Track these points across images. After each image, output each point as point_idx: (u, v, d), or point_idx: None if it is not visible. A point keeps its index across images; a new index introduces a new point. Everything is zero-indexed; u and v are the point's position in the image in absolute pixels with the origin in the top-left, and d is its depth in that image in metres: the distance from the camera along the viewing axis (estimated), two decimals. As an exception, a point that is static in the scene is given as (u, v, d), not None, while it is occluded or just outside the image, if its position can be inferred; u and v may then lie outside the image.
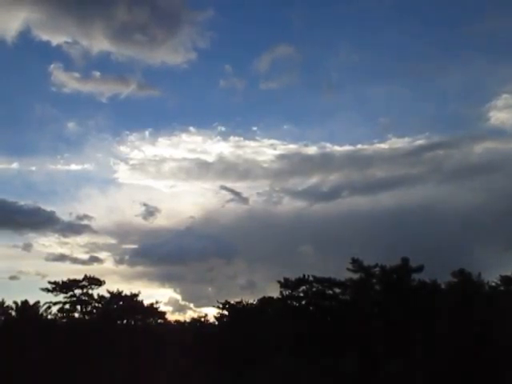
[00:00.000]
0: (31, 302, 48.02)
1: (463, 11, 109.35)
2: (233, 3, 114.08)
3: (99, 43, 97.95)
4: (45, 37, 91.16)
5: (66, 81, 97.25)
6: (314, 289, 45.70)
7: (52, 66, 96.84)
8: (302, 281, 45.77)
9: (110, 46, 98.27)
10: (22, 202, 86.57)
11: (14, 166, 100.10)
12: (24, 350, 42.65)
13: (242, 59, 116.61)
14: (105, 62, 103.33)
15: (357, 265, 43.22)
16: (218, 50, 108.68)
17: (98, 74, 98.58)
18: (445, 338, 36.17)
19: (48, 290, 48.10)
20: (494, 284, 43.62)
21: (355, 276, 43.61)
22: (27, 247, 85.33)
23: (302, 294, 46.08)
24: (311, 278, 45.64)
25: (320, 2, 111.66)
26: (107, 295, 49.66)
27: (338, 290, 45.32)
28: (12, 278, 74.90)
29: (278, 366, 39.07)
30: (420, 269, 42.29)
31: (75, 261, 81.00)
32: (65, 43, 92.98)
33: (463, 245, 67.99)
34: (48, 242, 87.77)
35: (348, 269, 43.67)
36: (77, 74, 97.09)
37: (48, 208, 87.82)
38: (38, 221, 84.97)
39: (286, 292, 46.17)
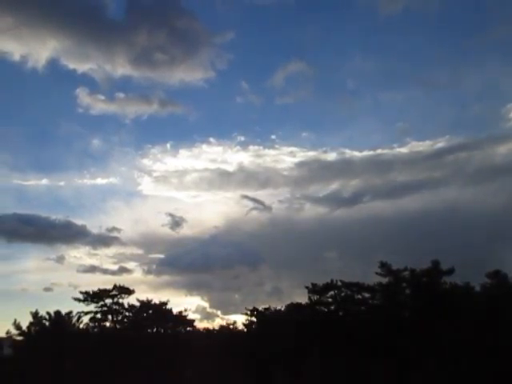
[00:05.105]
0: (64, 312, 48.95)
1: (479, 15, 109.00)
2: (246, 25, 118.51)
3: (122, 67, 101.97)
4: (71, 64, 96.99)
5: (92, 103, 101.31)
6: (343, 294, 45.12)
7: (78, 89, 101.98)
8: (330, 286, 45.23)
9: (132, 70, 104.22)
10: (53, 217, 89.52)
11: (44, 181, 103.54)
12: (58, 358, 43.55)
13: (258, 77, 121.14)
14: (128, 84, 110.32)
15: (385, 269, 42.48)
16: (235, 68, 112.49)
17: (121, 95, 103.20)
18: (478, 341, 35.15)
19: (80, 300, 48.89)
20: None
21: (384, 280, 42.95)
22: (60, 260, 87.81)
23: (330, 300, 45.55)
24: (339, 283, 45.08)
25: (330, 15, 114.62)
26: (137, 304, 50.27)
27: (367, 295, 44.66)
28: (46, 289, 77.24)
29: (306, 372, 38.72)
30: (451, 271, 41.30)
31: (105, 271, 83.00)
32: (89, 69, 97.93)
33: (490, 247, 66.48)
34: (79, 254, 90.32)
35: (377, 273, 43.01)
36: (101, 96, 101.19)
37: (78, 221, 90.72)
38: (69, 234, 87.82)
39: (314, 297, 45.75)
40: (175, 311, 51.29)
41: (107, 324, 49.71)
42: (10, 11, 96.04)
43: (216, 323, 63.51)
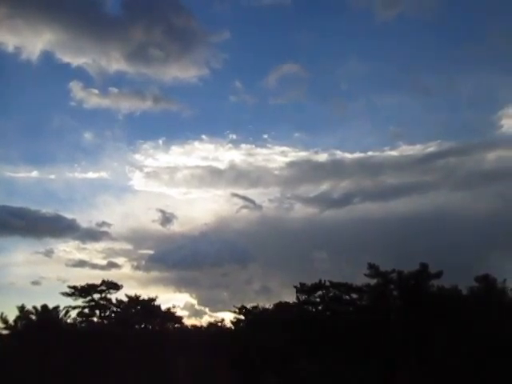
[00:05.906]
0: (52, 306, 48.67)
1: (473, 22, 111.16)
2: (242, 26, 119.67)
3: (117, 62, 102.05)
4: (66, 57, 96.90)
5: (85, 97, 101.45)
6: (331, 294, 45.33)
7: (72, 83, 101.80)
8: (318, 286, 45.45)
9: (127, 65, 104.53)
10: (43, 210, 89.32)
11: (34, 174, 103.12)
12: (44, 353, 43.30)
13: (252, 77, 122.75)
14: (122, 79, 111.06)
15: (374, 270, 42.64)
16: (229, 68, 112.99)
17: (115, 90, 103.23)
18: (465, 343, 35.39)
19: (68, 295, 48.82)
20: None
21: (372, 281, 43.13)
22: (49, 254, 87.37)
23: (318, 299, 45.77)
24: (328, 283, 45.28)
25: (326, 17, 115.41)
26: (125, 299, 50.17)
27: (355, 296, 44.86)
28: (34, 283, 77.10)
29: (294, 371, 38.80)
30: (439, 274, 41.54)
31: (94, 266, 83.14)
32: (84, 63, 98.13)
33: (479, 251, 67.14)
34: (68, 249, 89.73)
35: (365, 274, 43.18)
36: (95, 91, 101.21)
37: (68, 215, 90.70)
38: (59, 228, 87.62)
39: (303, 297, 45.92)
40: (163, 307, 51.53)
41: (95, 319, 49.64)
42: (5, 2, 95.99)
43: (204, 320, 63.67)
